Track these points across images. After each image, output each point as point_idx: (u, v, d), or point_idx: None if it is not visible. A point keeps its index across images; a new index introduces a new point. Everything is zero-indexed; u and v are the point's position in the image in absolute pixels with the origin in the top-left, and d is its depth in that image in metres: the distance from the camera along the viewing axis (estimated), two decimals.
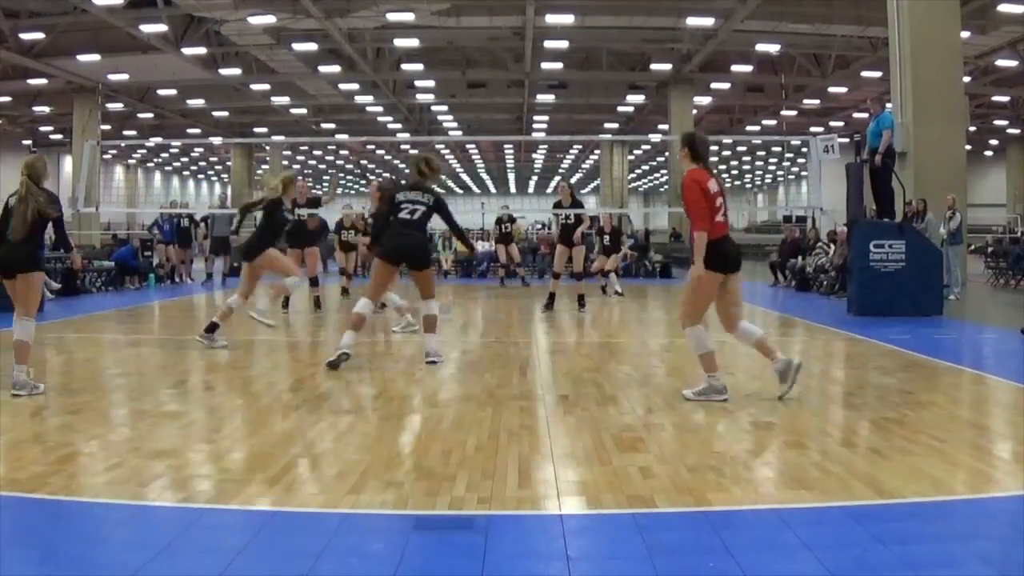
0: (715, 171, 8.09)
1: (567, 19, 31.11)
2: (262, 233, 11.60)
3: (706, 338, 7.82)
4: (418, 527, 4.51)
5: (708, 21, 31.59)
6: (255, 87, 43.34)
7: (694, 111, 44.09)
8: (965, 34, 25.44)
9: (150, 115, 50.60)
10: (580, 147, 74.71)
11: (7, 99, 45.02)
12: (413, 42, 35.28)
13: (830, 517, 4.65)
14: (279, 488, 5.11)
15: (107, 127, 47.08)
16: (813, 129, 47.41)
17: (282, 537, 4.42)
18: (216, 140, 55.47)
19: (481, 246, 29.06)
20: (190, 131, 54.93)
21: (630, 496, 4.93)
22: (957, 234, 19.29)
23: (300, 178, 17.59)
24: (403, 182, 11.08)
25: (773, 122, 52.43)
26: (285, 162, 71.61)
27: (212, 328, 11.19)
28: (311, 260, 16.23)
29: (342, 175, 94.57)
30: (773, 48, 35.82)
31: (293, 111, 50.58)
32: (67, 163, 54.56)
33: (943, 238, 18.79)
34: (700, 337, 7.81)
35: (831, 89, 42.39)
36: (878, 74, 35.38)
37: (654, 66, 39.17)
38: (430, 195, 10.10)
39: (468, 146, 74.01)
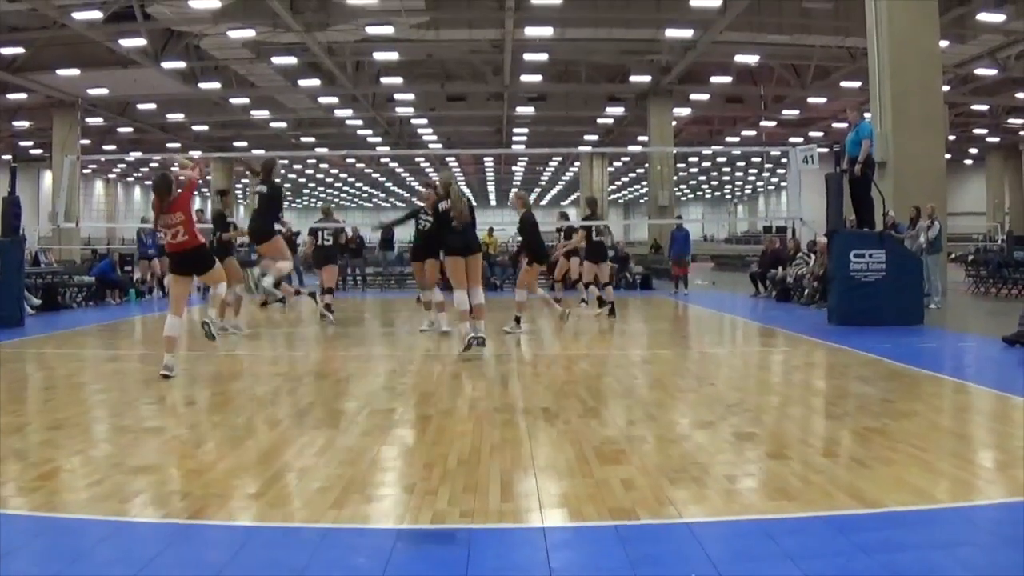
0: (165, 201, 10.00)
1: (546, 31, 31.16)
2: None
3: (179, 326, 10.10)
4: (400, 541, 4.50)
5: (687, 32, 31.67)
6: (235, 101, 43.32)
7: (673, 122, 44.26)
8: (944, 43, 25.54)
9: (130, 129, 50.48)
10: (560, 159, 74.97)
11: None
12: (392, 55, 35.33)
13: (812, 527, 4.66)
14: (261, 503, 5.09)
15: (87, 141, 46.94)
16: (792, 139, 47.70)
17: (265, 552, 4.40)
18: (196, 154, 55.21)
19: None
20: (170, 145, 54.77)
21: (612, 508, 4.93)
22: (936, 243, 19.32)
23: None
24: None
25: (753, 133, 52.67)
26: None
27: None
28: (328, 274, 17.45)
29: (320, 188, 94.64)
30: (752, 59, 36.00)
31: (273, 125, 50.53)
32: (47, 178, 54.33)
33: (922, 247, 18.84)
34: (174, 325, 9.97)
35: (810, 99, 42.66)
36: (857, 84, 35.59)
37: (633, 78, 39.26)
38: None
39: (448, 159, 74.00)
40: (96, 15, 27.50)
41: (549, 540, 4.48)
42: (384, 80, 39.58)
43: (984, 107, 45.94)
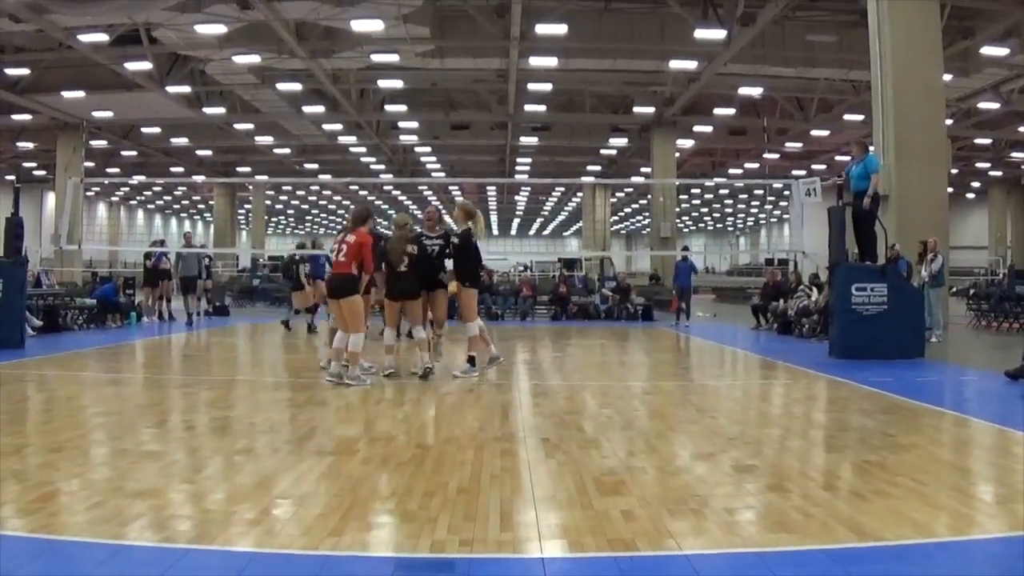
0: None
1: (551, 62, 31.19)
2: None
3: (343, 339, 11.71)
4: (399, 569, 4.50)
5: (691, 64, 31.70)
6: (239, 126, 43.43)
7: (676, 154, 44.30)
8: (947, 77, 25.55)
9: (134, 153, 50.57)
10: (563, 189, 75.00)
11: None
12: (397, 83, 35.40)
13: (811, 560, 4.65)
14: (260, 529, 5.08)
15: (91, 164, 47.02)
16: (795, 172, 47.68)
17: None
18: (199, 179, 55.34)
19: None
20: (173, 169, 54.89)
21: (612, 539, 4.92)
22: (939, 276, 19.29)
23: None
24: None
25: (755, 165, 52.71)
26: (268, 202, 71.74)
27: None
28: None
29: (324, 215, 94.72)
30: (756, 91, 36.05)
31: (277, 151, 50.62)
32: (50, 199, 54.44)
33: (924, 280, 18.81)
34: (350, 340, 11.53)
35: (813, 132, 42.68)
36: (860, 117, 35.60)
37: (637, 109, 39.38)
38: None
39: (451, 188, 74.14)
40: (102, 38, 27.60)
41: (548, 570, 4.48)
42: (388, 108, 39.71)
43: (987, 141, 46.08)
